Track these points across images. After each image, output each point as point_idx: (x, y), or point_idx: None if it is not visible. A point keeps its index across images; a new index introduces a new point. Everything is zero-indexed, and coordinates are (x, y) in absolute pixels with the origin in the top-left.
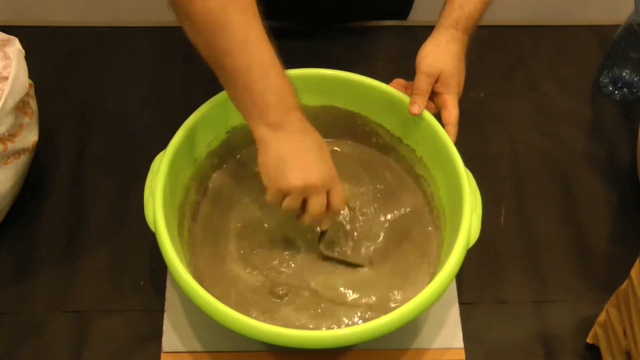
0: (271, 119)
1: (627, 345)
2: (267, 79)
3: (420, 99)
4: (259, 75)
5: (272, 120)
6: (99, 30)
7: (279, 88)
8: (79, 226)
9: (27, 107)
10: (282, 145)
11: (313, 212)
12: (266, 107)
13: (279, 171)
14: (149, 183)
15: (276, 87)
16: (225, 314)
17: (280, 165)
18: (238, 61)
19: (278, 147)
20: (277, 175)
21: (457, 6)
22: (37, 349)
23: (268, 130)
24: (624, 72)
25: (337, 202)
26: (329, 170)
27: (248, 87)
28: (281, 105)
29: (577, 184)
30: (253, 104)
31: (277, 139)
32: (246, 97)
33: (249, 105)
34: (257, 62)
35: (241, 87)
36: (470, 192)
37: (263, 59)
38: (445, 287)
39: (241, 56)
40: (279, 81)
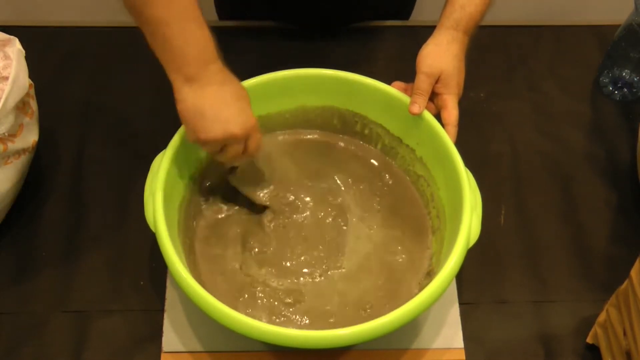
0: (188, 71)
1: (627, 345)
2: (185, 32)
3: (421, 98)
4: (178, 28)
5: (190, 73)
6: (99, 30)
7: (197, 42)
8: (79, 226)
9: (27, 107)
10: (200, 98)
11: (229, 156)
12: (184, 59)
13: (197, 123)
14: (149, 183)
15: (195, 40)
16: (225, 314)
17: (197, 117)
18: (158, 12)
19: (194, 99)
20: (195, 127)
21: (458, 7)
22: (37, 349)
23: (185, 82)
24: (624, 72)
25: (253, 147)
26: (246, 120)
27: (167, 40)
28: (199, 58)
29: (577, 184)
30: (172, 57)
31: (194, 91)
32: (163, 49)
33: (167, 58)
34: (177, 15)
35: (160, 39)
36: (470, 192)
37: (183, 11)
38: (445, 287)
39: (162, 7)
40: (198, 33)
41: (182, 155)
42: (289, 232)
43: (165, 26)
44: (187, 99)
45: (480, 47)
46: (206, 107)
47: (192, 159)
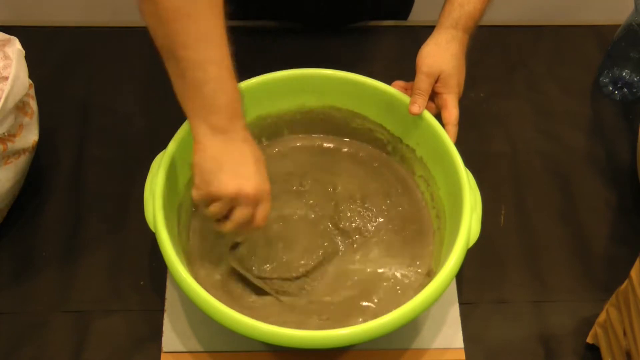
0: (216, 121)
1: (627, 345)
2: (220, 80)
3: (421, 98)
4: (213, 75)
5: (216, 124)
6: (99, 30)
7: (229, 92)
8: (79, 226)
9: (27, 107)
10: (222, 150)
11: (237, 221)
12: (214, 108)
13: (213, 175)
14: (149, 183)
15: (227, 90)
16: (225, 314)
17: (215, 169)
18: (195, 55)
19: (217, 151)
20: (210, 179)
21: (457, 6)
22: (37, 349)
23: (210, 133)
24: (624, 72)
25: (262, 217)
26: (263, 184)
27: (199, 84)
28: (229, 110)
29: (577, 184)
30: (201, 102)
31: (217, 143)
32: (194, 93)
33: (195, 103)
34: (213, 61)
35: (192, 82)
36: (470, 192)
37: (220, 58)
38: (445, 287)
39: (199, 51)
40: (231, 85)
41: (182, 155)
42: (289, 233)
43: (200, 70)
44: (209, 148)
45: (480, 47)
46: (226, 161)
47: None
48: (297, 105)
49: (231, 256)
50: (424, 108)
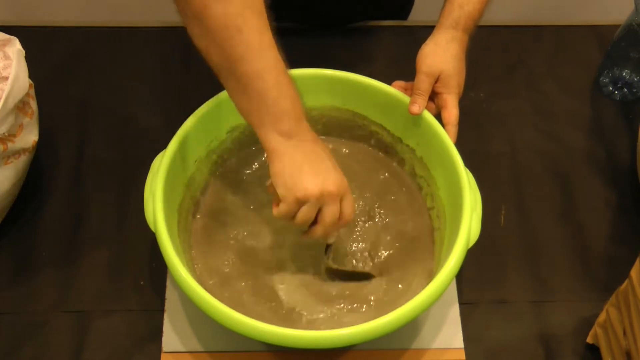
0: (284, 127)
1: (627, 345)
2: (280, 86)
3: (421, 98)
4: (273, 82)
5: (286, 129)
6: (99, 30)
7: (291, 95)
8: (79, 226)
9: (27, 107)
10: (297, 153)
11: (328, 221)
12: (280, 114)
13: (296, 179)
14: (149, 183)
15: (289, 94)
16: (225, 314)
17: (296, 173)
18: (252, 66)
19: (293, 155)
20: (294, 184)
21: (457, 6)
22: (37, 349)
23: (281, 139)
24: (624, 72)
25: (349, 211)
26: (342, 178)
27: (262, 94)
28: (294, 113)
29: (577, 184)
30: (267, 111)
31: (292, 148)
32: (259, 104)
33: (262, 113)
34: (270, 68)
35: (254, 94)
36: (470, 192)
37: (276, 65)
38: (445, 287)
39: (256, 61)
40: (291, 88)
41: (182, 155)
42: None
43: (260, 80)
44: (285, 155)
45: (480, 47)
46: (305, 163)
47: (192, 159)
48: None
49: (330, 260)
50: (424, 108)
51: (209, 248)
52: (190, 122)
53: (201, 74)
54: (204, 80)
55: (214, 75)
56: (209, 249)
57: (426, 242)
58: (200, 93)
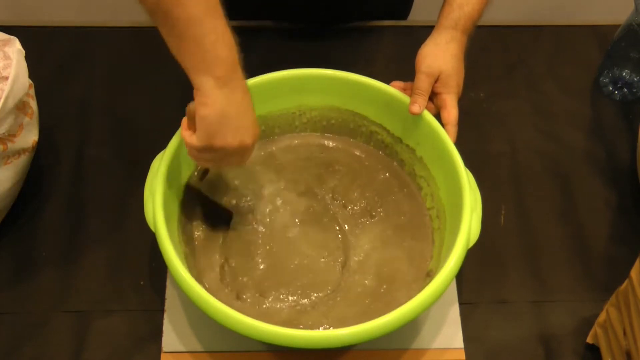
0: (219, 72)
1: (627, 345)
2: (217, 31)
3: (421, 98)
4: (210, 27)
5: (220, 75)
6: (99, 30)
7: (228, 43)
8: (79, 226)
9: (27, 107)
10: (228, 102)
11: (225, 164)
12: (216, 60)
13: (218, 129)
14: (149, 183)
15: (226, 40)
16: (225, 314)
17: (222, 123)
18: (190, 11)
19: (224, 104)
20: (216, 132)
21: (456, 7)
22: (37, 349)
23: (214, 85)
24: (624, 72)
25: (247, 159)
26: (256, 131)
27: (198, 39)
28: (230, 59)
29: (577, 184)
30: (202, 57)
31: (224, 95)
32: (194, 49)
33: (196, 58)
34: (208, 14)
35: (190, 38)
36: (470, 192)
37: (213, 8)
38: (445, 287)
39: (192, 6)
40: (228, 35)
41: (182, 155)
42: (289, 231)
43: (196, 25)
44: (217, 102)
45: (480, 47)
46: (232, 114)
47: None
48: (296, 105)
49: (194, 179)
50: (424, 108)
51: (210, 247)
52: None
53: None
54: None
55: None
56: (209, 249)
57: (426, 242)
58: None
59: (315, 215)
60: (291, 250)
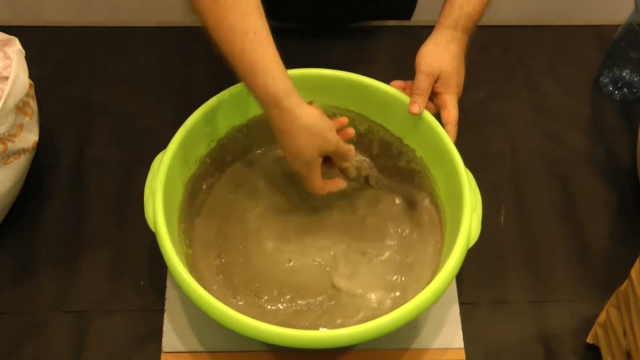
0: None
1: (627, 345)
2: (251, 73)
3: (420, 98)
4: (246, 67)
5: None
6: (99, 30)
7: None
8: (79, 226)
9: (27, 107)
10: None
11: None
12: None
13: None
14: (149, 183)
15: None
16: (225, 314)
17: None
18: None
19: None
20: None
21: (457, 7)
22: (37, 349)
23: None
24: (624, 72)
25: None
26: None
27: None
28: (263, 99)
29: (577, 184)
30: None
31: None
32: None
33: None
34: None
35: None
36: (470, 192)
37: (234, 51)
38: (445, 287)
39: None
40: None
41: (182, 155)
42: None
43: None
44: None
45: (480, 47)
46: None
47: (192, 159)
48: None
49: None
50: (424, 108)
51: (209, 248)
52: (190, 122)
53: (201, 74)
54: (204, 80)
55: (213, 75)
56: (209, 249)
57: (426, 242)
58: (200, 93)
59: (313, 219)
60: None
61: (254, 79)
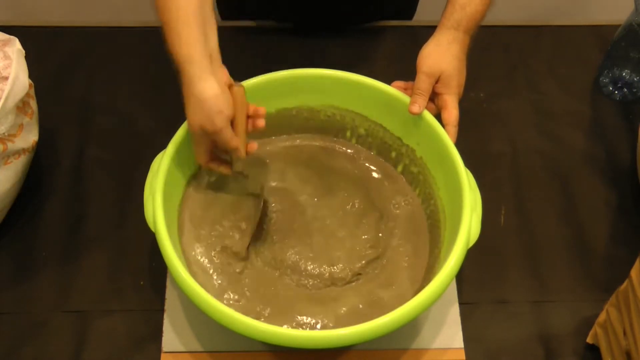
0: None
1: (627, 345)
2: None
3: (421, 98)
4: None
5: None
6: (99, 30)
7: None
8: (79, 226)
9: (27, 107)
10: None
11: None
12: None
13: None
14: (149, 183)
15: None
16: (225, 314)
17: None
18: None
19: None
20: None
21: (459, 7)
22: (37, 349)
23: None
24: (624, 72)
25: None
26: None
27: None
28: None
29: (577, 184)
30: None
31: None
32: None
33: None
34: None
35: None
36: (470, 192)
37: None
38: (445, 287)
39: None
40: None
41: (182, 155)
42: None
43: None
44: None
45: (480, 47)
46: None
47: (192, 159)
48: (296, 105)
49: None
50: (424, 108)
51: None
52: None
53: None
54: None
55: None
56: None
57: (426, 242)
58: None
59: (312, 217)
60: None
61: (172, 44)
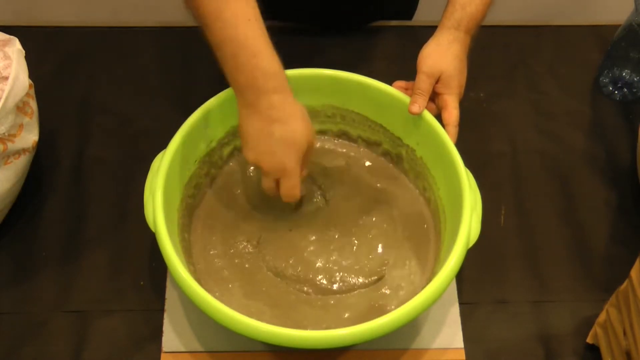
0: (242, 97)
1: (627, 345)
2: (237, 58)
3: (421, 98)
4: (229, 53)
5: (244, 100)
6: (99, 30)
7: (249, 69)
8: (79, 226)
9: (27, 107)
10: (249, 123)
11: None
12: (236, 85)
13: (243, 144)
14: (149, 183)
15: (246, 68)
16: (225, 314)
17: (243, 139)
18: (213, 37)
19: (245, 123)
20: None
21: (459, 7)
22: (37, 349)
23: (241, 106)
24: (624, 72)
25: (284, 191)
26: (279, 161)
27: (221, 63)
28: (251, 88)
29: (577, 184)
30: (231, 80)
31: (247, 116)
32: (226, 71)
33: (229, 79)
34: (229, 40)
35: (221, 61)
36: (470, 192)
37: (237, 37)
38: (445, 287)
39: (216, 31)
40: (250, 62)
41: (182, 155)
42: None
43: (217, 49)
44: (241, 122)
45: (480, 47)
46: (249, 135)
47: (192, 159)
48: None
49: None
50: (424, 108)
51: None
52: (190, 122)
53: (201, 74)
54: (203, 80)
55: (213, 75)
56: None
57: (426, 242)
58: (200, 93)
59: (311, 216)
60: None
61: (258, 65)
